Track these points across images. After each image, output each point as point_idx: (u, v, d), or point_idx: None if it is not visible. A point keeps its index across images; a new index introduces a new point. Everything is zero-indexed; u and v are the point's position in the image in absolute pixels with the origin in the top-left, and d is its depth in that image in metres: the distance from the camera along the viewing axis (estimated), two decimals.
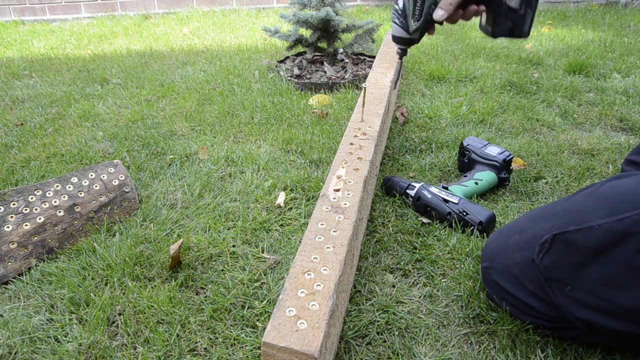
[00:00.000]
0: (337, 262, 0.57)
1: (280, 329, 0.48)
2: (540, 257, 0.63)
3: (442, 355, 0.66)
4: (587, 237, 0.59)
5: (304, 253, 0.59)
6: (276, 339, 0.47)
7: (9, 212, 0.87)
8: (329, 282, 0.54)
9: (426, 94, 1.63)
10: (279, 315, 0.49)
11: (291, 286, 0.54)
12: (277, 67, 1.89)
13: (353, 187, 0.73)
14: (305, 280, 0.55)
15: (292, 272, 0.56)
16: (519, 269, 0.66)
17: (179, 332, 0.71)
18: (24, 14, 3.60)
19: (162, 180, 1.13)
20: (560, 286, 0.61)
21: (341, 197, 0.71)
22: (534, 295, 0.64)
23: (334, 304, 0.52)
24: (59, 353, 0.68)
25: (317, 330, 0.48)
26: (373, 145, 0.86)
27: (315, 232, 0.63)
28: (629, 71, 1.79)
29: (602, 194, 0.62)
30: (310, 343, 0.46)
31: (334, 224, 0.65)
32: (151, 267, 0.84)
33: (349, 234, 0.63)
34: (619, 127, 1.36)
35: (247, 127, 1.40)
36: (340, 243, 0.61)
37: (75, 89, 1.87)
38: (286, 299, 0.52)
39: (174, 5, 3.61)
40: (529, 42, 2.31)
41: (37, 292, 0.80)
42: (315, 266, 0.57)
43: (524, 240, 0.67)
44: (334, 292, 0.53)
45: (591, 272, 0.59)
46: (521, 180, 1.08)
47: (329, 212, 0.67)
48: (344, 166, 0.79)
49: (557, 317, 0.63)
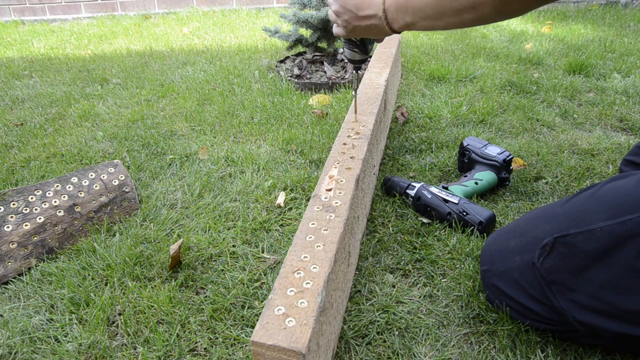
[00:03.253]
0: (327, 259, 0.57)
1: (268, 327, 0.48)
2: (541, 260, 0.62)
3: (442, 355, 0.66)
4: (588, 240, 0.59)
5: (294, 253, 0.59)
6: (264, 337, 0.47)
7: (9, 212, 0.87)
8: (318, 279, 0.54)
9: (426, 94, 1.63)
10: (267, 315, 0.50)
11: (280, 285, 0.54)
12: (277, 67, 1.89)
13: (345, 186, 0.73)
14: (295, 279, 0.55)
15: (282, 271, 0.56)
16: (519, 272, 0.65)
17: (179, 332, 0.71)
18: (24, 14, 3.60)
19: (162, 180, 1.13)
20: (562, 289, 0.61)
21: (333, 196, 0.70)
22: (535, 298, 0.64)
23: (322, 301, 0.52)
24: (59, 353, 0.68)
25: (305, 327, 0.48)
26: (366, 144, 0.86)
27: (306, 232, 0.63)
28: (629, 71, 1.79)
29: (603, 196, 0.61)
30: (297, 340, 0.46)
31: (325, 222, 0.65)
32: (151, 267, 0.84)
33: (340, 231, 0.63)
34: (619, 127, 1.36)
35: (247, 127, 1.40)
36: (331, 241, 0.61)
37: (75, 89, 1.87)
38: (275, 298, 0.52)
39: (174, 5, 3.61)
40: (529, 42, 2.31)
41: (37, 292, 0.80)
42: (305, 265, 0.57)
43: (524, 243, 0.66)
44: (323, 288, 0.53)
45: (593, 275, 0.59)
46: (521, 180, 1.08)
47: (320, 211, 0.67)
48: (336, 166, 0.79)
49: (558, 321, 0.63)
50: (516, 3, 0.52)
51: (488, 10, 0.55)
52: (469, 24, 0.60)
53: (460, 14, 0.58)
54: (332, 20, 0.80)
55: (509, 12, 0.55)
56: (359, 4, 0.72)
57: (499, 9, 0.54)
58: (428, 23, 0.64)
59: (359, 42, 0.84)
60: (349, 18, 0.75)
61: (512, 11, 0.54)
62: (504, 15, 0.56)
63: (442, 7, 0.59)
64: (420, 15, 0.64)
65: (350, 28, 0.77)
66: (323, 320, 0.54)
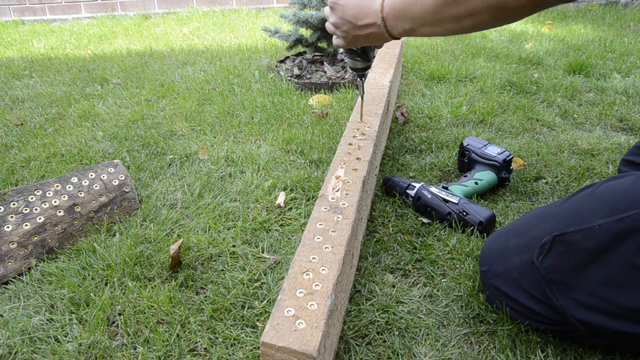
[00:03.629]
0: (336, 262, 0.57)
1: (278, 329, 0.48)
2: (540, 259, 0.63)
3: (442, 355, 0.66)
4: (587, 238, 0.59)
5: (302, 253, 0.59)
6: (274, 339, 0.47)
7: (9, 212, 0.87)
8: (328, 282, 0.54)
9: (426, 94, 1.63)
10: (277, 315, 0.49)
11: (290, 286, 0.54)
12: (277, 67, 1.89)
13: (352, 187, 0.73)
14: (304, 280, 0.55)
15: (291, 272, 0.56)
16: (519, 272, 0.66)
17: (179, 332, 0.71)
18: (24, 14, 3.60)
19: (162, 180, 1.13)
20: (561, 288, 0.61)
21: (340, 197, 0.71)
22: (535, 298, 0.64)
23: (332, 304, 0.52)
24: (59, 353, 0.68)
25: (316, 329, 0.48)
26: (372, 146, 0.86)
27: (314, 233, 0.63)
28: (629, 71, 1.79)
29: (601, 195, 0.62)
30: (308, 342, 0.46)
31: (333, 224, 0.65)
32: (151, 267, 0.84)
33: (348, 234, 0.63)
34: (619, 127, 1.36)
35: (247, 127, 1.40)
36: (339, 243, 0.61)
37: (75, 89, 1.87)
38: (285, 299, 0.52)
39: (174, 5, 3.61)
40: (529, 42, 2.31)
41: (37, 292, 0.80)
42: (313, 266, 0.57)
43: (523, 243, 0.67)
44: (332, 291, 0.53)
45: (592, 273, 0.59)
46: (521, 180, 1.08)
47: (327, 212, 0.67)
48: (342, 167, 0.79)
49: (558, 320, 0.63)
50: (513, 10, 0.53)
51: (486, 17, 0.55)
52: (468, 30, 0.60)
53: (459, 21, 0.59)
54: (331, 31, 0.81)
55: (506, 18, 0.55)
56: (357, 13, 0.73)
57: (497, 16, 0.55)
58: (427, 29, 0.64)
59: (360, 51, 0.84)
60: (348, 28, 0.76)
61: (510, 17, 0.55)
62: (502, 22, 0.56)
63: (441, 14, 0.60)
64: (419, 22, 0.64)
65: (350, 38, 0.77)
66: (330, 322, 0.54)
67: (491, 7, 0.54)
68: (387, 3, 0.68)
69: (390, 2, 0.68)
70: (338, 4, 0.75)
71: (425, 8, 0.61)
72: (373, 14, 0.71)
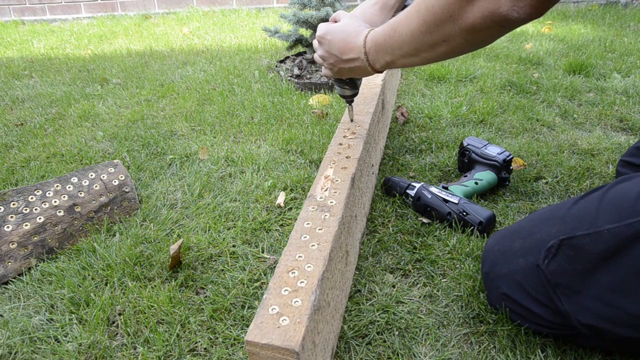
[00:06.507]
0: (321, 258, 0.57)
1: (262, 326, 0.48)
2: (546, 262, 0.62)
3: (442, 355, 0.66)
4: (595, 242, 0.58)
5: (289, 253, 0.59)
6: (258, 336, 0.47)
7: (9, 212, 0.87)
8: (313, 278, 0.54)
9: (426, 94, 1.63)
10: (261, 314, 0.50)
11: (275, 285, 0.54)
12: (277, 67, 1.89)
13: (340, 185, 0.73)
14: (289, 278, 0.55)
15: (277, 271, 0.56)
16: (523, 274, 0.65)
17: (179, 332, 0.71)
18: (24, 14, 3.61)
19: (162, 180, 1.14)
20: (567, 292, 0.61)
21: (328, 195, 0.70)
22: (538, 301, 0.64)
23: (317, 299, 0.52)
24: (59, 353, 0.68)
25: (299, 325, 0.48)
26: (362, 143, 0.86)
27: (301, 232, 0.63)
28: (629, 71, 1.79)
29: (610, 199, 0.61)
30: (291, 338, 0.46)
31: (320, 222, 0.65)
32: (151, 267, 0.84)
33: (335, 230, 0.63)
34: (619, 127, 1.36)
35: (247, 127, 1.40)
36: (325, 240, 0.61)
37: (75, 89, 1.87)
38: (269, 297, 0.52)
39: (174, 5, 3.61)
40: (529, 42, 2.31)
41: (37, 292, 0.80)
42: (299, 264, 0.57)
43: (529, 245, 0.66)
44: (317, 287, 0.53)
45: (599, 278, 0.58)
46: (521, 180, 1.08)
47: (315, 211, 0.67)
48: (332, 166, 0.79)
49: (561, 324, 0.62)
50: (482, 32, 0.55)
51: (458, 41, 0.58)
52: (444, 57, 0.63)
53: (435, 48, 0.62)
54: (319, 63, 0.85)
55: (478, 42, 0.58)
56: (342, 48, 0.77)
57: (468, 40, 0.57)
58: (406, 60, 0.68)
59: (347, 80, 0.88)
60: (334, 61, 0.80)
61: (481, 41, 0.57)
62: (475, 45, 0.59)
63: (418, 42, 0.63)
64: (398, 53, 0.68)
65: (336, 70, 0.82)
66: (318, 318, 0.54)
67: (462, 31, 0.56)
68: (370, 38, 0.72)
69: (372, 37, 0.72)
70: (325, 38, 0.79)
71: (403, 39, 0.65)
72: (357, 49, 0.75)
